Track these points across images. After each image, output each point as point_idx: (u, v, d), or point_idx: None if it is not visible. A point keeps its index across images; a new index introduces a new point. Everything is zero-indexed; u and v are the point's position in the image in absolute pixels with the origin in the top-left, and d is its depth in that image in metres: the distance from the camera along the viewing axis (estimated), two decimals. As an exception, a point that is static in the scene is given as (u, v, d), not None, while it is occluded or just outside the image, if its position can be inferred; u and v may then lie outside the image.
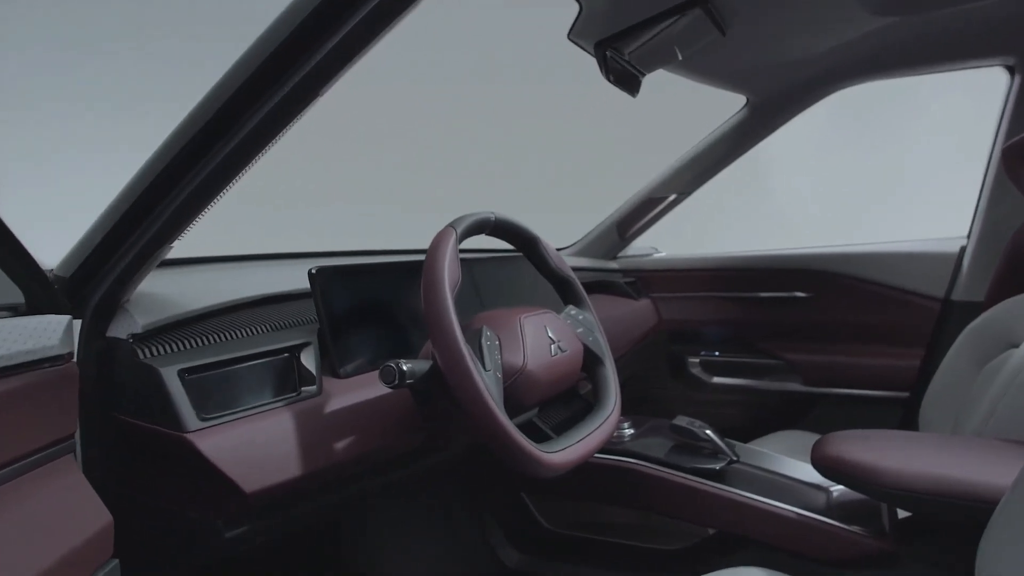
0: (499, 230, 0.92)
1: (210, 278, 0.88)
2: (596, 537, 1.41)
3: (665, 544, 1.33)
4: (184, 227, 0.65)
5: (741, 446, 1.25)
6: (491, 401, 0.72)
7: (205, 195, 0.63)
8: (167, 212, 0.63)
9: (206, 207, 0.64)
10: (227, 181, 0.62)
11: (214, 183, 0.62)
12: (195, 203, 0.63)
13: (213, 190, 0.63)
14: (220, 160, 0.60)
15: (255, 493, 0.68)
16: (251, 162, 0.62)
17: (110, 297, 0.69)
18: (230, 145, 0.59)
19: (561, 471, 0.78)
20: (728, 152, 1.76)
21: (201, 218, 0.67)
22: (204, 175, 0.61)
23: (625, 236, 2.01)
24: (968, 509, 0.78)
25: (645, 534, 1.36)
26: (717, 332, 1.95)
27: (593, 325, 1.02)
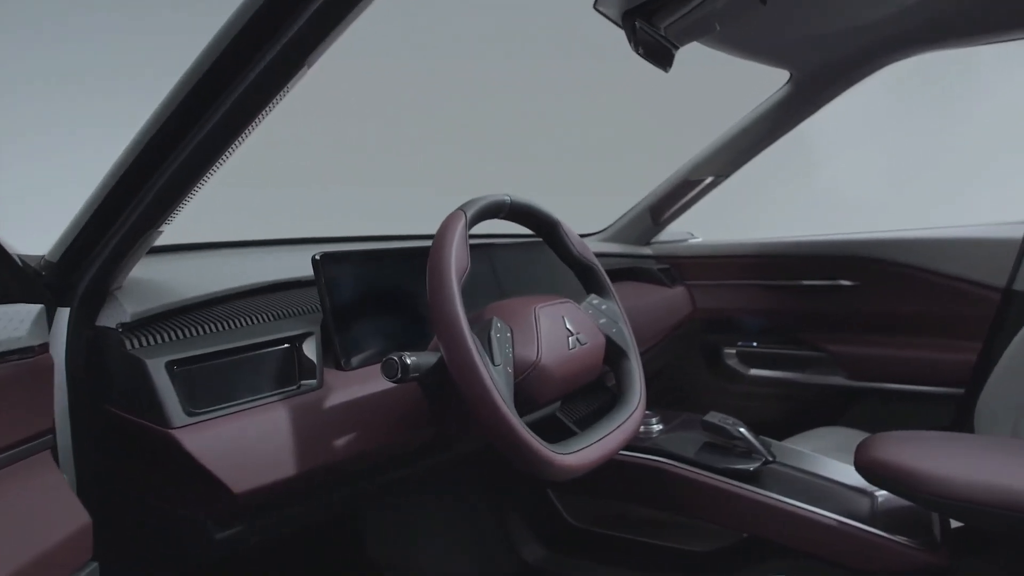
0: (516, 214, 0.86)
1: (208, 265, 0.84)
2: (622, 535, 1.35)
3: (695, 545, 1.27)
4: (169, 211, 0.61)
5: (778, 445, 1.18)
6: (498, 398, 0.66)
7: (188, 177, 0.59)
8: (150, 195, 0.59)
9: (190, 190, 0.60)
10: (210, 162, 0.58)
11: (197, 164, 0.58)
12: (178, 185, 0.59)
13: (196, 171, 0.58)
14: (201, 140, 0.56)
15: (245, 493, 0.65)
16: (235, 141, 0.57)
17: (98, 284, 0.65)
18: (210, 123, 0.55)
19: (576, 474, 0.73)
20: (770, 131, 1.66)
21: (188, 201, 0.63)
22: (185, 156, 0.57)
23: (659, 221, 1.93)
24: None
25: (674, 533, 1.30)
26: (755, 322, 1.86)
27: (617, 315, 0.96)
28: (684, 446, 1.11)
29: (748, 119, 1.66)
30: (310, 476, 0.71)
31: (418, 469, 0.91)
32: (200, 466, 0.62)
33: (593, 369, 0.87)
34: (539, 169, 2.64)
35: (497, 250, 1.14)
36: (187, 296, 0.73)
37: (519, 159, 2.62)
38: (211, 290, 0.76)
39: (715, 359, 1.93)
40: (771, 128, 1.65)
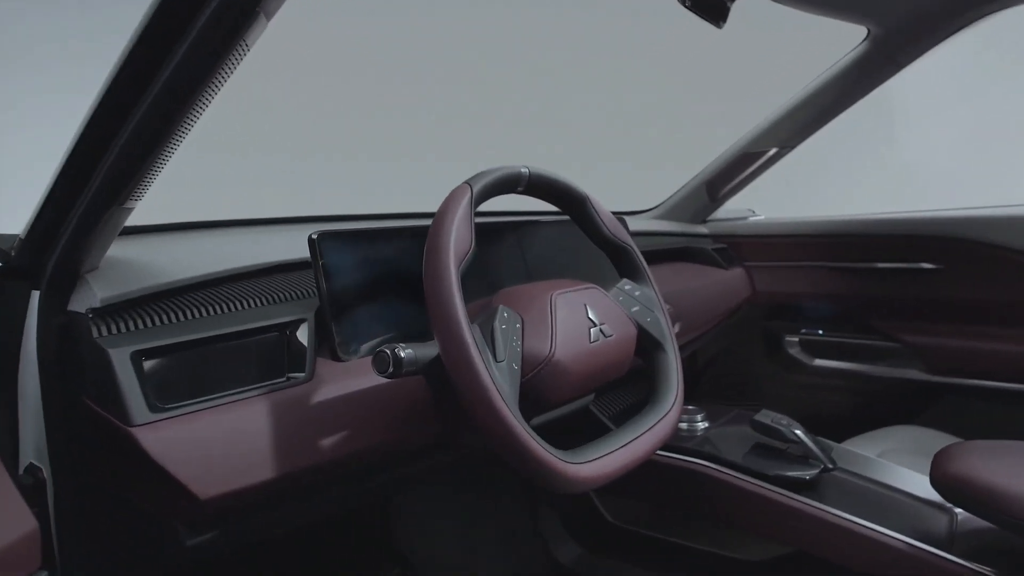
0: (536, 188, 0.77)
1: (197, 246, 0.79)
2: (666, 537, 1.26)
3: (744, 553, 1.16)
4: (129, 186, 0.55)
5: (839, 449, 1.05)
6: (497, 398, 0.58)
7: (143, 150, 0.52)
8: (103, 169, 0.53)
9: (148, 163, 0.54)
10: (164, 133, 0.51)
11: (149, 136, 0.51)
12: (133, 159, 0.53)
13: (150, 144, 0.52)
14: (147, 109, 0.49)
15: (214, 499, 0.59)
16: (187, 109, 0.50)
17: (65, 266, 0.60)
18: (155, 89, 0.48)
19: (592, 487, 0.64)
20: (843, 96, 1.48)
21: (152, 176, 0.57)
22: (133, 127, 0.50)
23: (716, 197, 1.78)
24: None
25: (723, 539, 1.19)
26: (822, 307, 1.70)
27: (654, 302, 0.85)
28: (731, 448, 1.00)
29: (817, 83, 1.49)
30: (294, 478, 0.65)
31: (431, 465, 0.84)
32: (161, 468, 0.56)
33: (620, 364, 0.77)
34: (580, 139, 2.41)
35: (528, 229, 1.04)
36: (168, 280, 0.68)
37: (553, 127, 2.35)
38: (196, 273, 0.70)
39: (775, 347, 1.78)
40: (844, 92, 1.48)
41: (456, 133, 2.12)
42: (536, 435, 0.61)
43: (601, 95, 2.45)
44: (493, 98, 2.22)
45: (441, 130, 2.11)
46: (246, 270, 0.75)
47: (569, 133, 2.38)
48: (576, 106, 2.41)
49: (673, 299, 1.33)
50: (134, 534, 0.66)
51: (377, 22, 1.93)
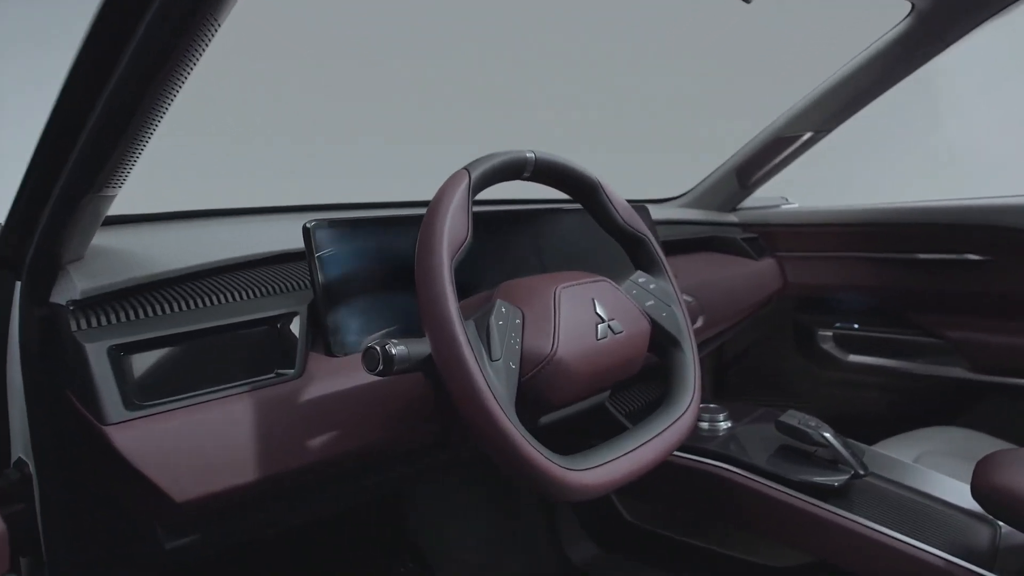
0: (544, 174, 0.72)
1: (186, 236, 0.76)
2: (682, 538, 1.21)
3: (764, 558, 1.11)
4: (103, 172, 0.52)
5: (872, 452, 0.98)
6: (490, 399, 0.54)
7: (111, 134, 0.49)
8: (74, 155, 0.50)
9: (120, 148, 0.50)
10: (130, 116, 0.48)
11: (117, 119, 0.48)
12: (103, 143, 0.50)
13: (118, 127, 0.48)
14: (115, 88, 0.45)
15: (192, 502, 0.56)
16: (153, 90, 0.46)
17: (45, 256, 0.58)
18: (118, 71, 0.45)
19: (592, 495, 0.59)
20: (884, 76, 1.39)
21: (128, 163, 0.54)
22: (100, 110, 0.47)
23: (747, 184, 1.70)
24: None
25: (741, 542, 1.14)
26: (857, 300, 1.62)
27: (671, 296, 0.80)
28: (754, 451, 0.94)
29: (856, 63, 1.40)
30: (280, 480, 0.62)
31: (422, 468, 0.81)
32: (134, 470, 0.54)
33: (631, 362, 0.72)
34: (599, 124, 2.31)
35: (541, 218, 1.00)
36: (155, 271, 0.65)
37: (571, 110, 2.24)
38: (185, 264, 0.67)
39: (807, 342, 1.70)
40: (886, 73, 1.38)
41: (465, 117, 2.02)
42: (533, 439, 0.56)
43: (621, 76, 2.35)
44: (504, 79, 2.11)
45: (449, 113, 2.02)
46: (237, 261, 0.72)
47: (591, 117, 2.30)
48: (596, 88, 2.31)
49: (698, 291, 1.27)
50: (115, 534, 0.64)
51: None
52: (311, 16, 1.68)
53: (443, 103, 2.00)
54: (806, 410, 0.95)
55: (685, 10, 2.11)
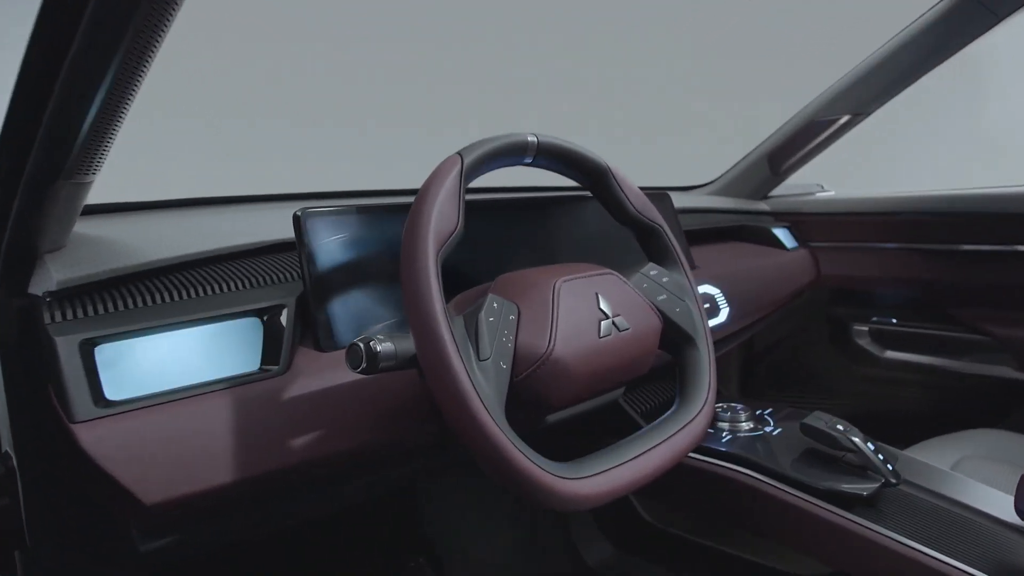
0: (548, 159, 0.67)
1: (173, 225, 0.73)
2: (704, 542, 1.16)
3: (787, 566, 1.05)
4: (71, 157, 0.49)
5: (906, 458, 0.92)
6: (475, 402, 0.50)
7: (77, 113, 0.46)
8: (36, 139, 0.47)
9: (89, 129, 0.47)
10: (97, 91, 0.45)
11: (79, 99, 0.45)
12: (68, 125, 0.47)
13: (83, 106, 0.45)
14: (72, 65, 0.42)
15: (161, 505, 0.53)
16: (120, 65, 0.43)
17: (19, 245, 0.56)
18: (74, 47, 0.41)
19: (589, 505, 0.55)
20: (929, 54, 1.30)
21: (99, 145, 0.51)
22: (61, 87, 0.44)
23: (779, 170, 1.63)
24: None
25: (763, 548, 1.09)
26: (896, 293, 1.54)
27: (686, 290, 0.75)
28: (778, 455, 0.88)
29: (899, 40, 1.31)
30: (259, 482, 0.59)
31: (418, 468, 0.77)
32: (100, 470, 0.51)
33: (638, 361, 0.67)
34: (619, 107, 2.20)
35: (553, 207, 0.95)
36: (138, 261, 0.62)
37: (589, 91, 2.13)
38: (170, 254, 0.65)
39: (842, 337, 1.63)
40: (931, 50, 1.29)
41: (472, 100, 1.93)
42: (523, 444, 0.52)
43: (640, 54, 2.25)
44: (515, 60, 2.00)
45: (453, 96, 1.92)
46: (224, 251, 0.69)
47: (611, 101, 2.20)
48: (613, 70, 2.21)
49: (724, 282, 1.21)
50: (93, 533, 0.62)
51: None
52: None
53: (447, 84, 1.91)
54: (838, 409, 0.89)
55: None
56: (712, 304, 1.14)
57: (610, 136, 2.16)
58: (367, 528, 1.21)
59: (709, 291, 1.15)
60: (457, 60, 1.89)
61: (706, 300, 1.13)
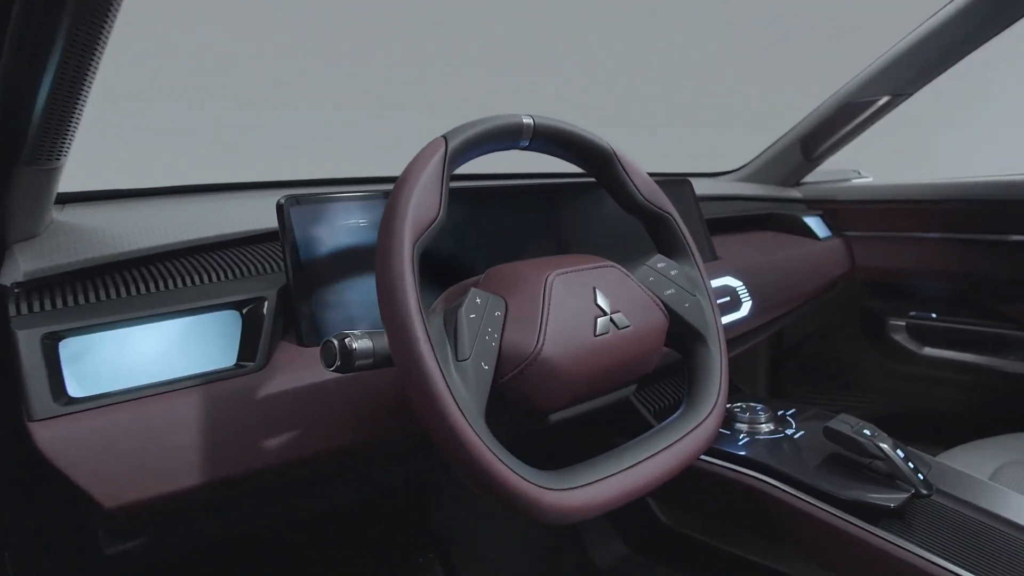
0: (545, 142, 0.62)
1: (150, 214, 0.70)
2: (721, 546, 1.10)
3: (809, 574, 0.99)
4: (27, 140, 0.46)
5: (940, 466, 0.85)
6: (450, 406, 0.46)
7: (24, 92, 0.43)
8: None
9: (42, 111, 0.44)
10: (38, 73, 0.41)
11: (26, 76, 0.42)
12: (17, 106, 0.44)
13: (31, 85, 0.42)
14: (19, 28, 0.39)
15: (123, 508, 0.51)
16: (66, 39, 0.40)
17: None
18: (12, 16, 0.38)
19: (577, 518, 0.51)
20: (978, 29, 1.21)
21: (59, 127, 0.48)
22: (5, 63, 0.41)
23: (812, 156, 1.54)
24: None
25: (785, 556, 1.03)
26: (936, 287, 1.46)
27: (698, 284, 0.70)
28: (799, 461, 0.82)
29: (942, 17, 1.22)
30: (230, 484, 0.56)
31: (409, 469, 0.74)
32: (57, 471, 0.49)
33: (639, 361, 0.62)
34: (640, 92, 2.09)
35: (562, 195, 0.90)
36: (113, 251, 0.60)
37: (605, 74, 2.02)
38: (146, 244, 0.62)
39: (876, 332, 1.55)
40: (980, 25, 1.20)
41: (475, 80, 1.81)
42: (504, 451, 0.48)
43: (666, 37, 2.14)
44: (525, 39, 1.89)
45: (455, 77, 1.79)
46: (204, 241, 0.66)
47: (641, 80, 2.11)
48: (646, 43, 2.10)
49: (748, 274, 1.15)
50: (58, 535, 0.60)
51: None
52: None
53: (447, 63, 1.79)
54: (872, 408, 0.83)
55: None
56: (733, 297, 1.08)
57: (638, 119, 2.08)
58: (375, 522, 1.18)
59: (730, 283, 1.08)
60: (458, 35, 1.78)
61: (726, 293, 1.06)
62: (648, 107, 2.11)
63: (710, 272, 1.07)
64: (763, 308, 1.16)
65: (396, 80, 1.72)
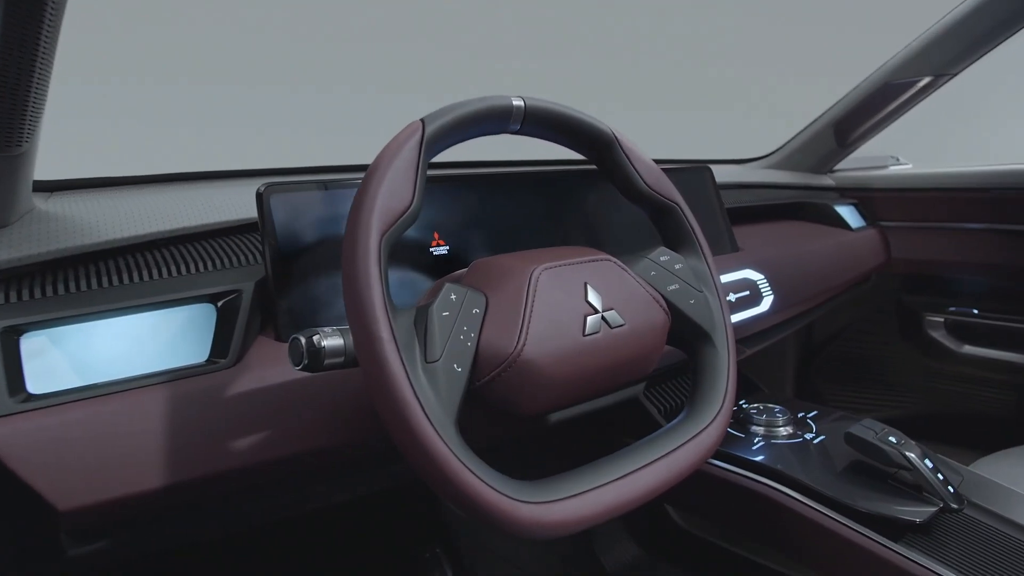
0: (538, 125, 0.58)
1: (126, 203, 0.68)
2: (740, 552, 1.05)
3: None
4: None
5: (973, 476, 0.79)
6: (415, 410, 0.43)
7: None
8: None
9: None
10: None
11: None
12: None
13: None
14: None
15: (79, 510, 0.49)
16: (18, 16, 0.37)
17: None
18: None
19: (555, 535, 0.47)
20: None
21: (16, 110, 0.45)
22: None
23: (846, 141, 1.47)
24: None
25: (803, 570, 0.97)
26: (979, 281, 1.38)
27: (706, 278, 0.65)
28: (817, 468, 0.77)
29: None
30: (195, 486, 0.53)
31: (395, 473, 0.71)
32: (8, 470, 0.46)
33: (636, 362, 0.58)
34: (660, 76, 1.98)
35: (566, 183, 0.85)
36: (85, 242, 0.57)
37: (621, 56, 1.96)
38: (121, 235, 0.59)
39: (913, 328, 1.47)
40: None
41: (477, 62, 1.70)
42: (476, 460, 0.45)
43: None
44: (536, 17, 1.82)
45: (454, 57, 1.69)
46: (181, 231, 0.64)
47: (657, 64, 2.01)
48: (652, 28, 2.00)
49: (771, 266, 1.08)
50: (20, 535, 0.58)
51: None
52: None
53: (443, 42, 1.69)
54: (906, 410, 0.77)
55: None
56: (753, 291, 1.02)
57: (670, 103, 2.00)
58: (382, 516, 1.17)
59: (751, 276, 1.03)
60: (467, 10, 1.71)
61: (746, 287, 1.01)
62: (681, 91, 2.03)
63: (729, 264, 1.01)
64: (787, 303, 1.10)
65: (389, 61, 1.63)
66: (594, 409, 0.68)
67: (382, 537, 1.17)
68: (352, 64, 1.58)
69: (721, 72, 2.10)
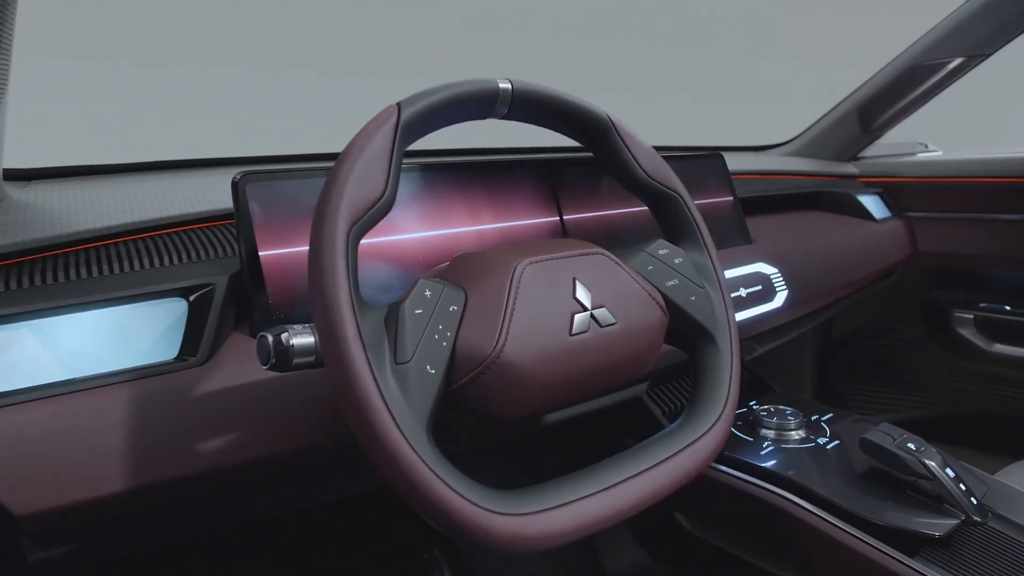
0: (527, 110, 0.54)
1: (96, 193, 0.65)
2: (751, 560, 1.01)
3: None
4: None
5: (999, 486, 0.74)
6: (381, 415, 0.40)
7: None
8: None
9: None
10: None
11: None
12: None
13: None
14: None
15: (35, 516, 0.46)
16: None
17: None
18: None
19: (535, 549, 0.43)
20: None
21: None
22: None
23: (872, 127, 1.41)
24: None
25: None
26: (1012, 276, 1.32)
27: (709, 273, 0.61)
28: (829, 475, 0.72)
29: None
30: (161, 490, 0.51)
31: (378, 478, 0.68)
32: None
33: (629, 363, 0.54)
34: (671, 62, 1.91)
35: (568, 169, 0.81)
36: (52, 233, 0.55)
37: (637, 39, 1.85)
38: (89, 226, 0.57)
39: (941, 325, 1.42)
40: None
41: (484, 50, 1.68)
42: (449, 468, 0.41)
43: None
44: None
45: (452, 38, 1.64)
46: (155, 223, 0.61)
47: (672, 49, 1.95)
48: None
49: (786, 259, 1.03)
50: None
51: None
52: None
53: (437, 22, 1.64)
54: (931, 411, 0.72)
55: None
56: (765, 286, 0.97)
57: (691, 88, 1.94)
58: (379, 515, 1.14)
59: (763, 270, 0.98)
60: None
61: (758, 281, 0.96)
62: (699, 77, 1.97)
63: (740, 257, 0.97)
64: (803, 298, 1.05)
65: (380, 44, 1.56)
66: (593, 409, 0.64)
67: (380, 537, 1.15)
68: (337, 47, 1.53)
69: (742, 57, 2.03)
